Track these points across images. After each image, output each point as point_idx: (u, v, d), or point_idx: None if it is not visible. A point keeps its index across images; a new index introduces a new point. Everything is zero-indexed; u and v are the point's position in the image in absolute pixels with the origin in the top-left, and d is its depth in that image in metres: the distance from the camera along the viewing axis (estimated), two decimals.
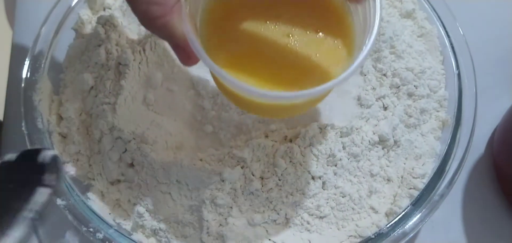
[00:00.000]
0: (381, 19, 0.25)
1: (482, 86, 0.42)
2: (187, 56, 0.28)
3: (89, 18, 0.42)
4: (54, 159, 0.28)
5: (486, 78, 0.43)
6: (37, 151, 0.28)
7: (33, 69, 0.38)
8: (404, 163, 0.34)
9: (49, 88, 0.38)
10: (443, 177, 0.33)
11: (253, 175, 0.33)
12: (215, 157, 0.34)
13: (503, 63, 0.44)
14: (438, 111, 0.36)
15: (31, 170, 0.27)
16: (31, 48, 0.39)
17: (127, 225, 0.34)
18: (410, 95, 0.36)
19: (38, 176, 0.27)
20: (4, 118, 0.42)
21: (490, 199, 0.39)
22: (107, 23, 0.39)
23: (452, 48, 0.37)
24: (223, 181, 0.32)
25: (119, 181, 0.35)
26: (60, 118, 0.38)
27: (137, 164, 0.34)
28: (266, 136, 0.35)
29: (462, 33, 0.38)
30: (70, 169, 0.35)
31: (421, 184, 0.33)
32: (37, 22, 0.40)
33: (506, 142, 0.38)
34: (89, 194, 0.35)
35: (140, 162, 0.34)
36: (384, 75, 0.36)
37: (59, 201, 0.33)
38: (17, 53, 0.44)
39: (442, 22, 0.38)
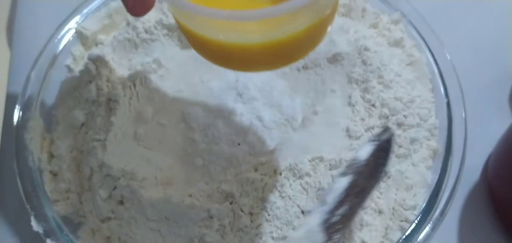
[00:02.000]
0: None
1: (476, 111, 0.42)
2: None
3: (81, 54, 0.42)
4: None
5: (480, 103, 0.43)
6: None
7: (25, 107, 0.38)
8: (395, 195, 0.34)
9: (41, 126, 0.39)
10: (434, 208, 0.32)
11: (242, 211, 0.33)
12: (205, 193, 0.34)
13: (495, 88, 0.44)
14: (429, 140, 0.36)
15: None
16: (24, 85, 0.39)
17: None
18: (399, 125, 0.35)
19: None
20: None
21: (486, 225, 0.38)
22: (98, 59, 0.40)
23: (441, 76, 0.37)
24: (211, 217, 0.32)
25: (109, 218, 0.35)
26: (52, 155, 0.38)
27: (127, 201, 0.34)
28: (256, 170, 0.35)
29: (450, 59, 0.38)
30: None
31: (412, 215, 0.33)
32: (33, 56, 0.41)
33: (500, 168, 0.38)
34: (80, 233, 0.35)
35: (129, 199, 0.34)
36: (373, 105, 0.36)
37: (48, 241, 0.33)
38: (14, 88, 0.44)
39: (430, 50, 0.38)
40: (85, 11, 0.43)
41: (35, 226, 0.34)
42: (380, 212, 0.34)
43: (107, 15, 0.43)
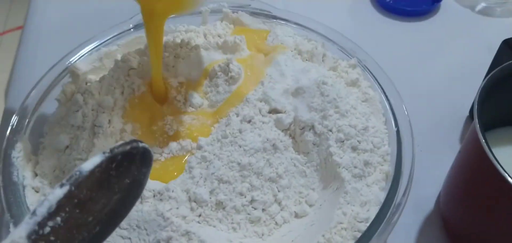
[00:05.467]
0: None
1: (432, 148, 0.47)
2: None
3: (72, 91, 0.46)
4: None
5: (435, 142, 0.48)
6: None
7: (15, 130, 0.42)
8: (352, 210, 0.37)
9: (28, 148, 0.42)
10: (384, 220, 0.35)
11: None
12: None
13: (449, 129, 0.49)
14: (382, 165, 0.39)
15: None
16: (17, 112, 0.43)
17: None
18: (354, 148, 0.39)
19: None
20: None
21: None
22: (86, 92, 0.44)
23: (392, 110, 0.41)
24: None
25: None
26: (36, 175, 0.41)
27: None
28: None
29: (400, 97, 0.42)
30: None
31: (364, 226, 0.35)
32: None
33: (450, 197, 0.41)
34: None
35: None
36: (330, 130, 0.40)
37: None
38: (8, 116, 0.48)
39: (383, 89, 0.43)
40: (78, 53, 0.48)
41: None
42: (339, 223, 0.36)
43: (98, 59, 0.48)
